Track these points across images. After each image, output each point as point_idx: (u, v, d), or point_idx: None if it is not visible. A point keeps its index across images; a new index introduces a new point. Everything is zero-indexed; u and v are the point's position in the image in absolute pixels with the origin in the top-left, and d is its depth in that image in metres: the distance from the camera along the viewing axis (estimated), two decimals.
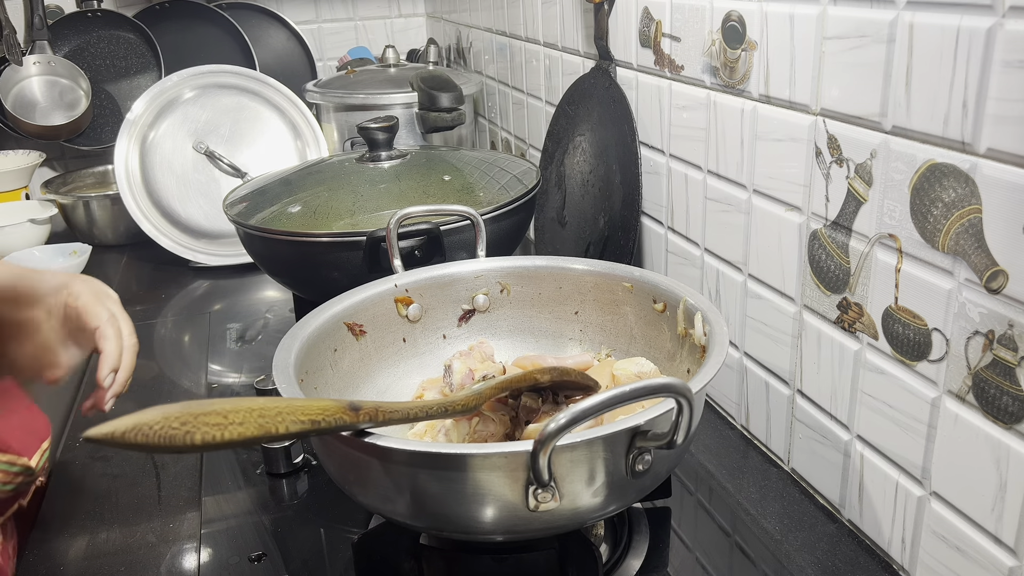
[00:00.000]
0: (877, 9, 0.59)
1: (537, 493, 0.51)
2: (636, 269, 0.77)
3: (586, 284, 0.80)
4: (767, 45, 0.73)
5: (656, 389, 0.49)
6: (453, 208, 0.85)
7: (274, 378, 0.60)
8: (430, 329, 0.79)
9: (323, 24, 2.00)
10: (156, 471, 0.85)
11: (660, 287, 0.73)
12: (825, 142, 0.67)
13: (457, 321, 0.80)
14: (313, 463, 0.83)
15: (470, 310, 0.80)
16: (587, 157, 1.09)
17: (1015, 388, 0.52)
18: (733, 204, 0.82)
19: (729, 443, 0.85)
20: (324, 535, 0.74)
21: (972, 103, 0.52)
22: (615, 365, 0.72)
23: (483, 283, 0.80)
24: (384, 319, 0.75)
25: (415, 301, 0.77)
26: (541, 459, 0.48)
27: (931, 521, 0.62)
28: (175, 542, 0.74)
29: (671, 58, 0.89)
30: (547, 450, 0.48)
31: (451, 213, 0.86)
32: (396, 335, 0.76)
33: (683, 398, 0.50)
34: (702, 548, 0.71)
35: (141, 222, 1.43)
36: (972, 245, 0.54)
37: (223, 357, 1.10)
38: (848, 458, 0.71)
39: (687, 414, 0.51)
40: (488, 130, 1.68)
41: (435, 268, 0.80)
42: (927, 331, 0.59)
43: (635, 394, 0.48)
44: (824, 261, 0.69)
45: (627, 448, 0.53)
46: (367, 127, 1.02)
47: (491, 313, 0.81)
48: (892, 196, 0.60)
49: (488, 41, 1.58)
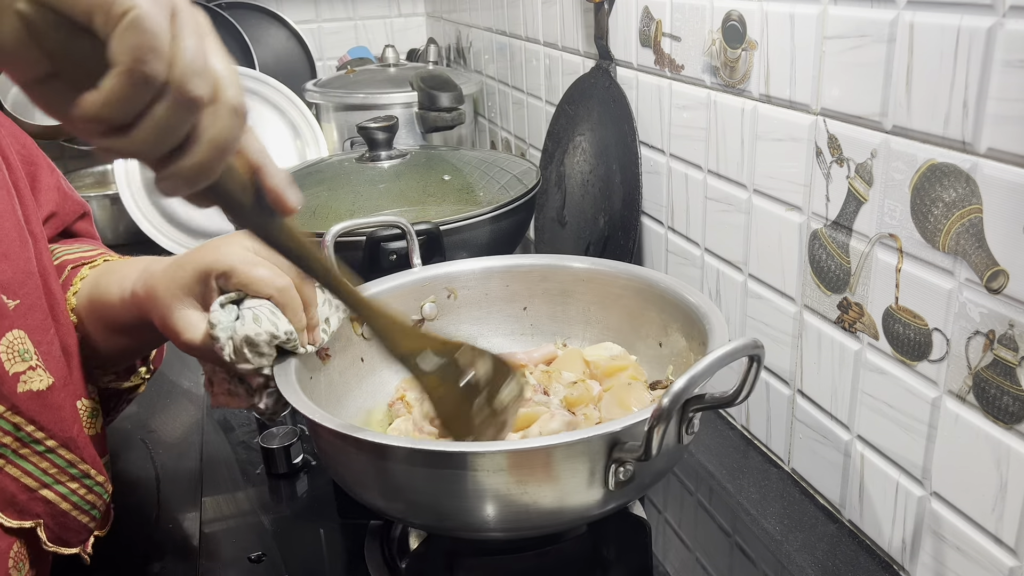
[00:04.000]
0: (877, 9, 0.59)
1: (619, 470, 0.52)
2: (580, 259, 0.80)
3: (534, 279, 0.80)
4: (767, 45, 0.72)
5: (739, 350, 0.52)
6: (385, 219, 0.85)
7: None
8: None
9: (323, 24, 2.00)
10: (156, 471, 0.85)
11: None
12: (825, 142, 0.67)
13: None
14: (313, 463, 0.83)
15: (419, 320, 0.80)
16: (587, 157, 1.08)
17: (1016, 388, 0.52)
18: (733, 204, 0.82)
19: (729, 443, 0.85)
20: (324, 535, 0.74)
21: (973, 103, 0.52)
22: (585, 352, 0.75)
23: (429, 291, 0.80)
24: (344, 340, 0.74)
25: None
26: (656, 435, 0.50)
27: (931, 521, 0.62)
28: (175, 542, 0.74)
29: (671, 58, 0.89)
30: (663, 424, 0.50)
31: (383, 224, 0.86)
32: (355, 355, 0.75)
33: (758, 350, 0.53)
34: (702, 548, 0.71)
35: (141, 222, 1.43)
36: (973, 245, 0.54)
37: None
38: (848, 458, 0.71)
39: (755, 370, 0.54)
40: (488, 130, 1.68)
41: (380, 282, 0.78)
42: (927, 331, 0.59)
43: (728, 357, 0.51)
44: (824, 261, 0.69)
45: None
46: (367, 127, 1.02)
47: (440, 320, 0.80)
48: (893, 196, 0.60)
49: (488, 41, 1.58)
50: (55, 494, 0.59)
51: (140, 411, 0.96)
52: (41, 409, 0.58)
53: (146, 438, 0.91)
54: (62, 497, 0.60)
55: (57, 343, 0.61)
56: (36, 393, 0.58)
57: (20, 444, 0.57)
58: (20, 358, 0.57)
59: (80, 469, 0.61)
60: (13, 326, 0.57)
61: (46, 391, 0.58)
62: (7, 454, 0.57)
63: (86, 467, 0.62)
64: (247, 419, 0.92)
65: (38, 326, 0.60)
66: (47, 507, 0.59)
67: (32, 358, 0.58)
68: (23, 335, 0.58)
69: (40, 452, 0.58)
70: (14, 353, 0.57)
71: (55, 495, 0.59)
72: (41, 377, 0.58)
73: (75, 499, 0.61)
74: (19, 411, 0.57)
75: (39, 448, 0.58)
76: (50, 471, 0.59)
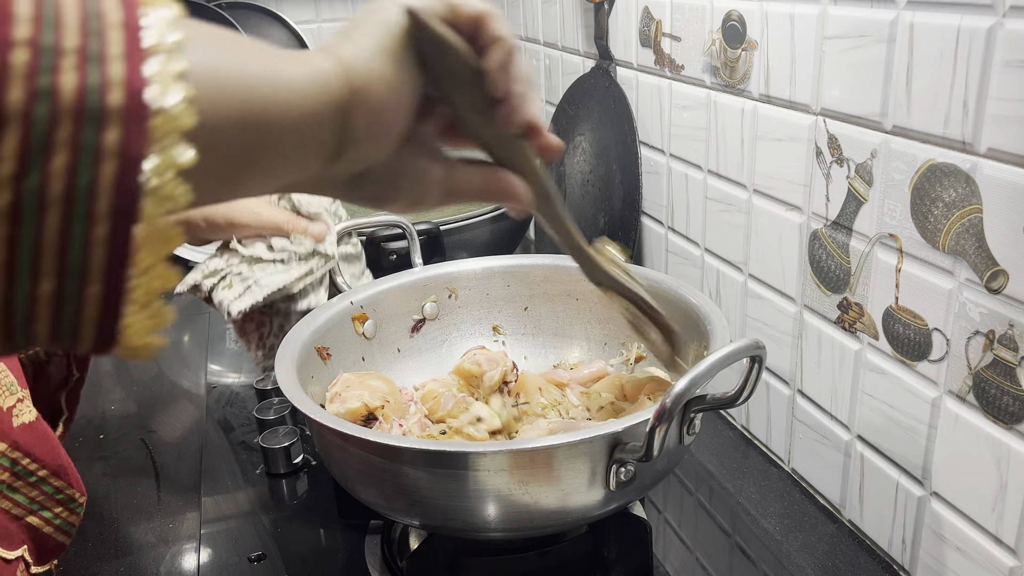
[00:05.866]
0: (877, 9, 0.59)
1: (620, 470, 0.53)
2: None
3: (535, 279, 0.80)
4: (767, 45, 0.72)
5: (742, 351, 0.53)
6: (385, 219, 0.86)
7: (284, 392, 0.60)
8: (385, 345, 0.78)
9: (323, 24, 2.00)
10: (156, 471, 0.85)
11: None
12: (825, 142, 0.67)
13: (409, 333, 0.80)
14: (313, 463, 0.83)
15: (420, 320, 0.80)
16: (587, 157, 1.08)
17: (1016, 388, 0.52)
18: (733, 204, 0.82)
19: (729, 443, 0.85)
20: (324, 535, 0.74)
21: (972, 103, 0.52)
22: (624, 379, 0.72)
23: (430, 291, 0.80)
24: (345, 340, 0.74)
25: (370, 318, 0.76)
26: (657, 436, 0.50)
27: (931, 521, 0.62)
28: (175, 542, 0.74)
29: (671, 58, 0.89)
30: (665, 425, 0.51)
31: (384, 224, 0.87)
32: (356, 355, 0.75)
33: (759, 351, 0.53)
34: (702, 548, 0.71)
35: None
36: (972, 245, 0.54)
37: (223, 357, 1.10)
38: (848, 458, 0.71)
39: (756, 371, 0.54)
40: None
41: (381, 281, 0.78)
42: (927, 331, 0.59)
43: (729, 358, 0.52)
44: (824, 261, 0.69)
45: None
46: None
47: (441, 319, 0.81)
48: (893, 196, 0.60)
49: None
50: (39, 519, 0.59)
51: (140, 411, 0.96)
52: (34, 441, 0.58)
53: (146, 438, 0.91)
54: (45, 521, 0.60)
55: (15, 369, 0.61)
56: (28, 425, 0.57)
57: (15, 478, 0.57)
58: (8, 391, 0.57)
59: (66, 495, 0.61)
60: None
61: (35, 422, 0.58)
62: (3, 489, 0.56)
63: (72, 492, 0.62)
64: (247, 419, 0.92)
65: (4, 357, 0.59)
66: (31, 532, 0.59)
67: (17, 390, 0.58)
68: (4, 368, 0.58)
69: (32, 483, 0.58)
70: (3, 388, 0.56)
71: (39, 520, 0.59)
72: (30, 408, 0.58)
73: (58, 522, 0.61)
74: (18, 446, 0.56)
75: (32, 479, 0.58)
76: (38, 499, 0.59)
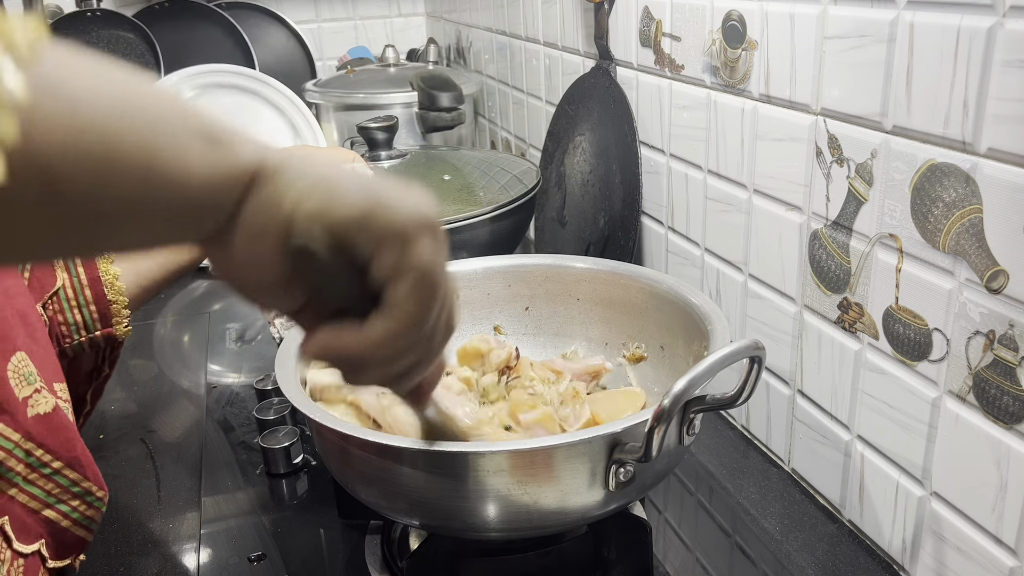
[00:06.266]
0: (877, 9, 0.59)
1: (619, 471, 0.53)
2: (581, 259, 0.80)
3: (536, 279, 0.80)
4: (767, 45, 0.72)
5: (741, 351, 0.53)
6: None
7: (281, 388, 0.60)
8: None
9: (323, 24, 2.00)
10: (156, 471, 0.85)
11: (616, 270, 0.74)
12: (826, 142, 0.67)
13: None
14: (313, 463, 0.83)
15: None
16: (587, 157, 1.08)
17: (1016, 388, 0.52)
18: (733, 204, 0.82)
19: (729, 443, 0.85)
20: (324, 535, 0.74)
21: (973, 103, 0.52)
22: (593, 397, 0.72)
23: None
24: None
25: None
26: (656, 436, 0.50)
27: (931, 521, 0.62)
28: (175, 542, 0.74)
29: (671, 58, 0.89)
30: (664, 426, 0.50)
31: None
32: None
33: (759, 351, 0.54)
34: (702, 548, 0.71)
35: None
36: (973, 245, 0.54)
37: (223, 357, 1.10)
38: (848, 458, 0.71)
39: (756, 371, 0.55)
40: (488, 130, 1.68)
41: None
42: (928, 331, 0.59)
43: (729, 359, 0.53)
44: (824, 261, 0.69)
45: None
46: (367, 127, 1.02)
47: None
48: (893, 196, 0.60)
49: (488, 41, 1.58)
50: (57, 513, 0.59)
51: (140, 411, 0.96)
52: (48, 432, 0.57)
53: (146, 438, 0.91)
54: (63, 515, 0.60)
55: (42, 358, 0.61)
56: (44, 416, 0.57)
57: (30, 470, 0.57)
58: (26, 381, 0.57)
59: (82, 487, 0.61)
60: (17, 348, 0.57)
61: (51, 413, 0.58)
62: (19, 481, 0.56)
63: (88, 484, 0.61)
64: (247, 419, 0.92)
65: (25, 345, 0.59)
66: (49, 526, 0.59)
67: (36, 380, 0.58)
68: (25, 357, 0.57)
69: (47, 475, 0.58)
70: (20, 377, 0.56)
71: (57, 514, 0.59)
72: (47, 399, 0.58)
73: (76, 516, 0.61)
74: (31, 437, 0.56)
75: (46, 471, 0.58)
76: (54, 491, 0.59)
